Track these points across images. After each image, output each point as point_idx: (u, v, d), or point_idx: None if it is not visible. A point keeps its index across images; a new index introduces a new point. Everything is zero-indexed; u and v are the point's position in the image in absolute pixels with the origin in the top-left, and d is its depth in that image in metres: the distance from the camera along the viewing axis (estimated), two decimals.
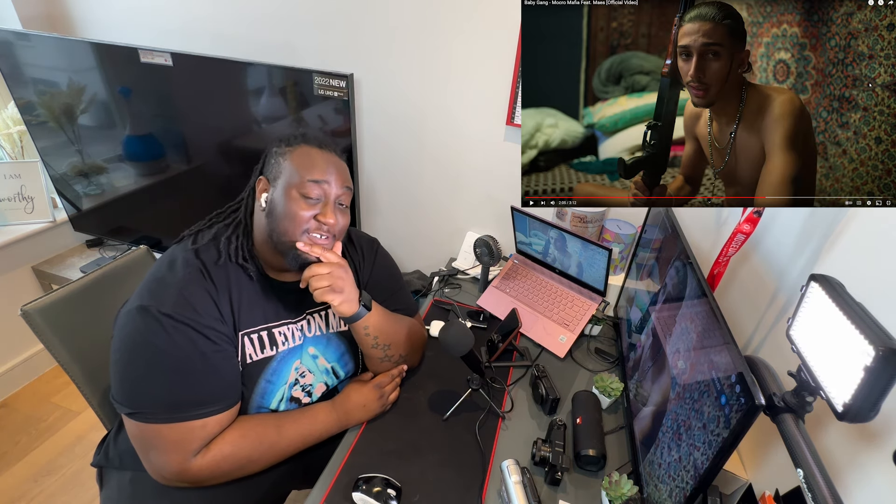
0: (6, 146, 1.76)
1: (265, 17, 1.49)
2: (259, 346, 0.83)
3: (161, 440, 0.74)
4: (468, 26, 1.29)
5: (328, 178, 0.82)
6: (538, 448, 0.87)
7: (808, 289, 0.53)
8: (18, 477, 1.54)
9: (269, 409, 0.87)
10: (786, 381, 0.59)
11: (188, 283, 0.76)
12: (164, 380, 0.73)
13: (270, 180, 0.83)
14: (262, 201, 0.82)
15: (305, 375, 0.90)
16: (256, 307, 0.83)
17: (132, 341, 0.73)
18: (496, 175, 1.47)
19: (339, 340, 0.96)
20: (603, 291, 1.22)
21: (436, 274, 1.48)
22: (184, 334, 0.73)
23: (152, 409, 0.73)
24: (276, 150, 0.85)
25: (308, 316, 0.92)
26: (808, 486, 0.49)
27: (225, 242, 0.83)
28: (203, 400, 0.75)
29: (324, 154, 0.84)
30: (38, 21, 1.75)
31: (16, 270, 1.80)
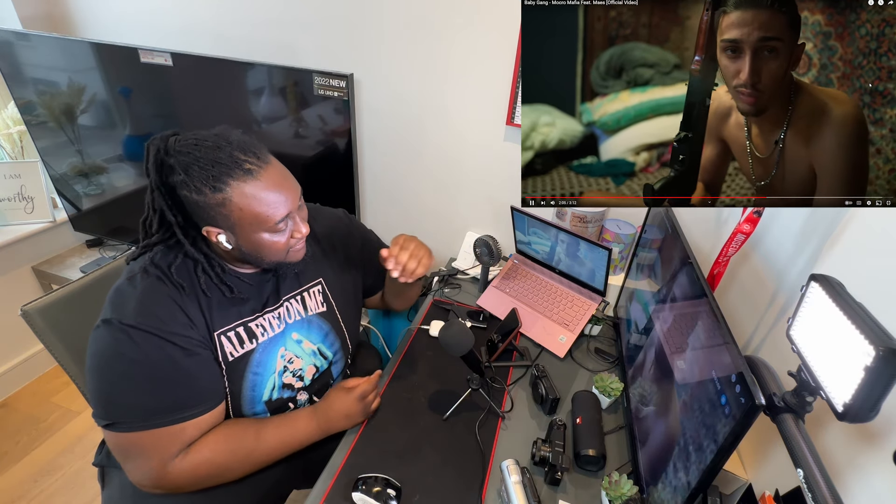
0: (6, 146, 1.76)
1: (265, 17, 1.49)
2: (238, 342, 0.82)
3: (139, 448, 0.74)
4: (468, 26, 1.29)
5: (288, 204, 0.75)
6: (538, 448, 0.87)
7: (808, 289, 0.53)
8: (18, 477, 1.54)
9: (263, 399, 0.86)
10: (786, 381, 0.59)
11: (148, 291, 0.74)
12: (137, 389, 0.72)
13: (223, 229, 0.73)
14: (224, 242, 0.75)
15: (293, 361, 0.89)
16: (229, 304, 0.81)
17: (101, 355, 0.72)
18: (496, 175, 1.47)
19: (321, 321, 0.95)
20: (603, 291, 1.22)
21: (435, 274, 1.48)
22: (150, 342, 0.71)
23: (127, 418, 0.72)
24: (197, 198, 0.70)
25: (285, 302, 0.90)
26: (808, 486, 0.49)
27: (182, 258, 0.78)
28: (178, 405, 0.74)
29: (264, 180, 0.72)
30: (38, 21, 1.75)
31: (16, 270, 1.80)
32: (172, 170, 0.71)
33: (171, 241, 0.79)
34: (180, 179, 0.70)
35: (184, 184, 0.70)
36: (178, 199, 0.74)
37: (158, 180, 0.73)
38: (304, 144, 1.48)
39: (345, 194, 1.52)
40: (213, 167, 0.69)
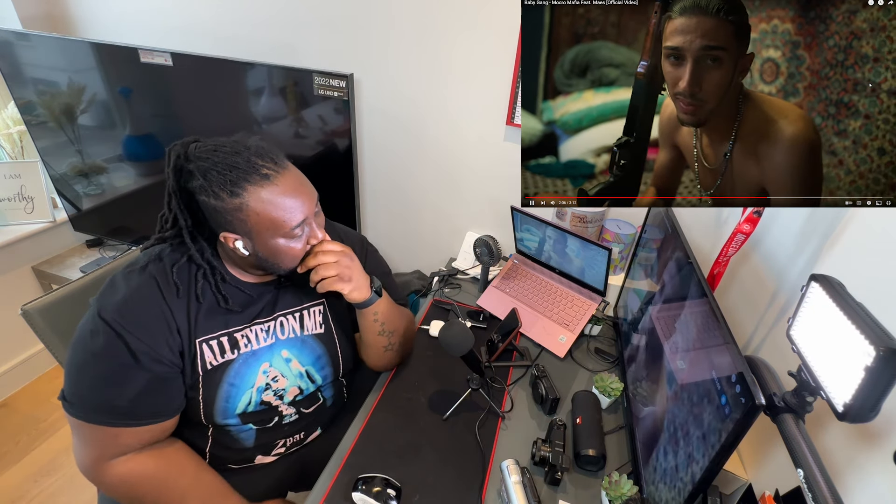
0: (6, 146, 1.76)
1: (265, 17, 1.49)
2: (219, 351, 0.80)
3: (81, 435, 0.75)
4: (468, 26, 1.29)
5: (304, 210, 0.75)
6: (538, 448, 0.87)
7: (809, 289, 0.53)
8: (18, 477, 1.54)
9: (236, 413, 0.83)
10: (786, 381, 0.59)
11: (138, 291, 0.74)
12: (89, 381, 0.73)
13: (240, 234, 0.74)
14: (242, 249, 0.76)
15: (278, 380, 0.86)
16: (217, 312, 0.80)
17: (78, 334, 0.74)
18: (496, 175, 1.47)
19: (315, 343, 0.91)
20: (603, 291, 1.22)
21: (436, 274, 1.48)
22: (113, 343, 0.71)
23: (77, 403, 0.73)
24: (215, 203, 0.71)
25: (280, 317, 0.87)
26: (808, 486, 0.49)
27: (185, 260, 0.79)
28: (117, 411, 0.73)
29: (281, 185, 0.72)
30: (38, 21, 1.75)
31: (16, 270, 1.80)
32: (191, 175, 0.71)
33: (176, 242, 0.80)
34: (199, 184, 0.71)
35: (202, 189, 0.71)
36: (194, 205, 0.75)
37: (176, 185, 0.74)
38: (304, 144, 1.47)
39: (345, 194, 1.52)
40: (230, 172, 0.70)
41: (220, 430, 0.85)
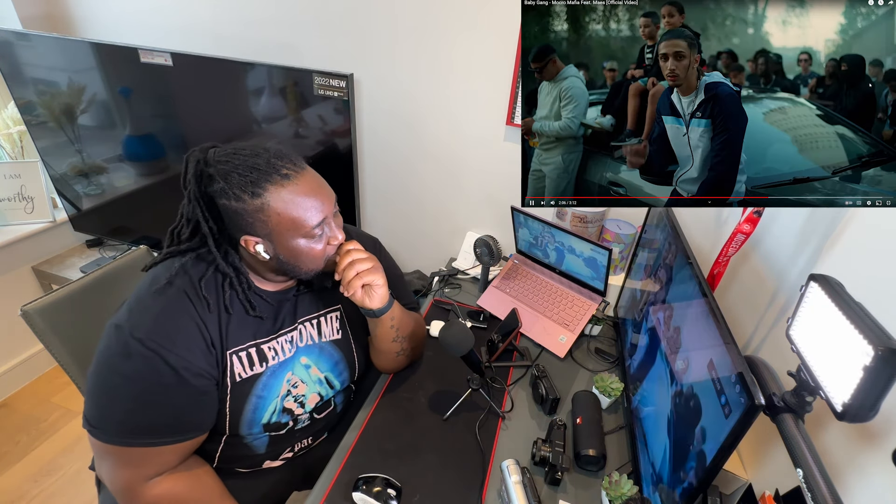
0: (6, 146, 1.76)
1: (265, 17, 1.49)
2: (248, 363, 0.80)
3: (117, 458, 0.74)
4: (469, 26, 1.29)
5: (324, 209, 0.75)
6: (538, 448, 0.87)
7: (808, 289, 0.53)
8: (18, 477, 1.54)
9: (262, 423, 0.83)
10: (786, 381, 0.59)
11: (170, 308, 0.73)
12: (123, 405, 0.72)
13: (261, 237, 0.74)
14: (262, 252, 0.75)
15: (298, 386, 0.86)
16: (246, 323, 0.80)
17: (103, 358, 0.72)
18: (496, 175, 1.47)
19: (333, 349, 0.92)
20: (603, 291, 1.22)
21: (436, 274, 1.48)
22: (149, 363, 0.70)
23: (109, 429, 0.72)
24: (237, 205, 0.71)
25: (300, 325, 0.87)
26: (808, 486, 0.49)
27: (212, 271, 0.78)
28: (158, 430, 0.73)
29: (301, 184, 0.73)
30: (38, 21, 1.75)
31: (16, 270, 1.80)
32: (212, 179, 0.72)
33: (201, 251, 0.78)
34: (220, 188, 0.71)
35: (223, 192, 0.71)
36: (214, 211, 0.75)
37: (198, 191, 0.74)
38: (304, 144, 1.47)
39: (345, 194, 1.52)
40: (251, 173, 0.70)
41: (235, 437, 0.84)
